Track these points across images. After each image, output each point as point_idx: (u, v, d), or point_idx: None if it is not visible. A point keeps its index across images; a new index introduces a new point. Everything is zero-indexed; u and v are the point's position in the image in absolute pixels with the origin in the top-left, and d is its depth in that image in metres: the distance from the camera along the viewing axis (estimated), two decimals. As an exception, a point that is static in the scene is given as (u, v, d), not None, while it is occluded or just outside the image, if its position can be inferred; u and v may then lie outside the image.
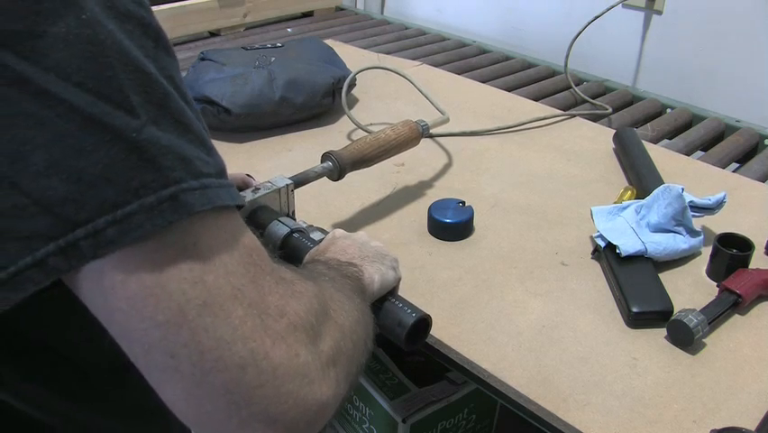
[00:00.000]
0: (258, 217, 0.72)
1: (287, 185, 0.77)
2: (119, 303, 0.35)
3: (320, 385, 0.40)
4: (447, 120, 1.03)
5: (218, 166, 0.38)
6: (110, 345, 0.36)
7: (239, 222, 0.40)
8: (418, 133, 0.93)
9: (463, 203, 0.89)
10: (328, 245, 0.67)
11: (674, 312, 0.71)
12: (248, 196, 0.74)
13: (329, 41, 1.50)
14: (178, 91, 0.37)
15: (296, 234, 0.71)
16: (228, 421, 0.37)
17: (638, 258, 0.79)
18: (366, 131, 1.10)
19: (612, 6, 1.38)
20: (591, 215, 0.85)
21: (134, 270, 0.34)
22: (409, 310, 0.65)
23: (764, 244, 0.85)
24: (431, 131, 0.97)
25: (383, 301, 0.66)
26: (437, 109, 1.08)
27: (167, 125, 0.35)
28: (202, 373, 0.36)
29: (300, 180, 0.80)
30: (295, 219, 0.78)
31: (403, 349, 0.66)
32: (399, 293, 0.68)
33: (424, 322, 0.66)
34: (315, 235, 0.72)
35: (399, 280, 0.69)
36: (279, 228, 0.71)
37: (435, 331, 0.70)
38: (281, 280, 0.41)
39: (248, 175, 0.83)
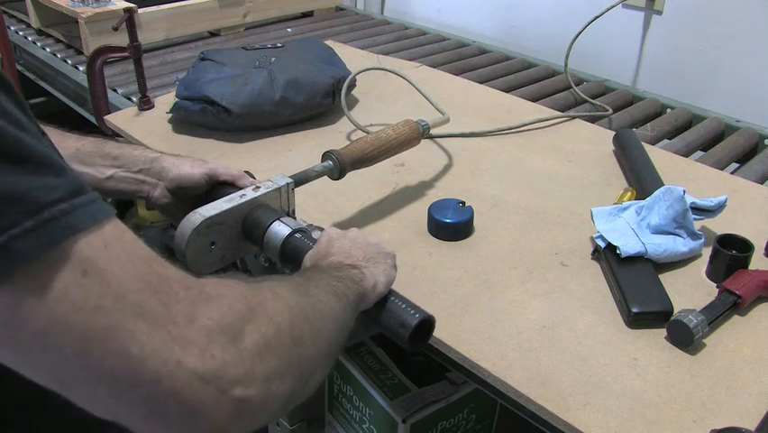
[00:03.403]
0: (258, 216, 0.72)
1: (287, 184, 0.77)
2: (21, 343, 0.35)
3: (243, 382, 0.40)
4: (447, 120, 1.03)
5: (72, 185, 0.37)
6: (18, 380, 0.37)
7: (127, 236, 0.39)
8: (419, 133, 0.93)
9: (463, 203, 0.89)
10: (328, 248, 0.67)
11: (674, 313, 0.71)
12: (248, 194, 0.74)
13: (329, 42, 1.50)
14: (7, 118, 0.35)
15: (297, 235, 0.71)
16: (156, 428, 0.39)
17: (638, 259, 0.79)
18: (365, 132, 1.10)
19: (612, 6, 1.38)
20: (591, 216, 0.85)
21: (21, 311, 0.34)
22: (413, 311, 0.64)
23: (764, 246, 0.85)
24: (431, 131, 0.97)
25: (384, 301, 0.65)
26: (437, 110, 1.08)
27: None
28: (119, 393, 0.37)
29: (301, 179, 0.80)
30: (295, 218, 0.78)
31: (405, 349, 0.65)
32: (400, 292, 0.68)
33: (427, 322, 0.65)
34: (317, 235, 0.72)
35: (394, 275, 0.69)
36: (281, 228, 0.71)
37: (435, 331, 0.70)
38: (190, 286, 0.41)
39: (247, 172, 0.83)
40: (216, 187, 0.81)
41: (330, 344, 0.52)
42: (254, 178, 0.84)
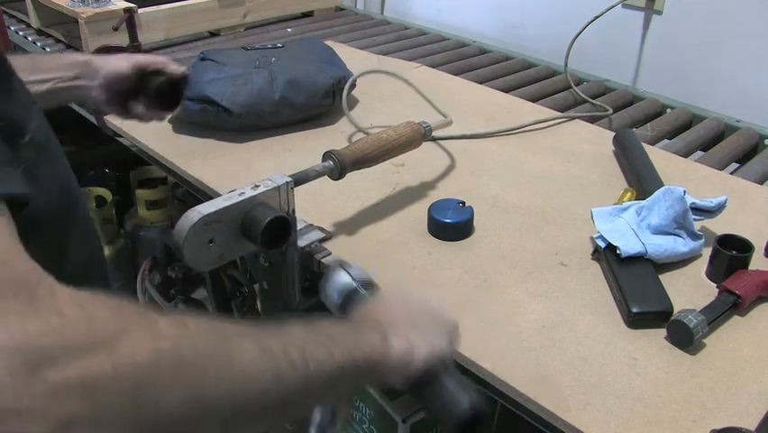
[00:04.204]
0: (256, 214, 0.72)
1: (286, 183, 0.77)
2: None
3: (23, 416, 0.32)
4: (450, 123, 1.03)
5: None
6: None
7: None
8: (420, 135, 0.93)
9: (463, 203, 0.89)
10: (374, 306, 0.60)
11: (674, 313, 0.71)
12: (247, 193, 0.74)
13: (329, 42, 1.50)
14: None
15: (362, 290, 0.65)
16: None
17: (638, 259, 0.79)
18: (366, 133, 1.10)
19: (612, 6, 1.38)
20: (592, 216, 0.85)
21: None
22: (466, 396, 0.54)
23: (764, 246, 0.85)
24: (432, 133, 0.97)
25: (432, 379, 0.56)
26: (439, 112, 1.08)
27: None
28: None
29: (300, 179, 0.80)
30: (295, 218, 0.78)
31: None
32: None
33: (481, 415, 0.55)
34: (315, 234, 0.70)
35: (454, 351, 0.60)
36: (344, 278, 0.66)
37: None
38: (17, 294, 0.35)
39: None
40: (148, 76, 0.86)
41: (231, 413, 0.41)
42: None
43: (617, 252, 0.79)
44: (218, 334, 0.43)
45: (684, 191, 0.82)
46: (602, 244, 0.81)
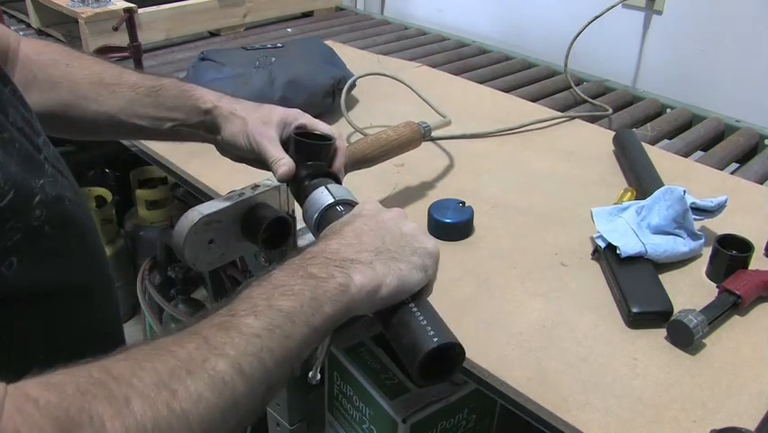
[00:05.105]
0: (257, 215, 0.72)
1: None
2: None
3: None
4: (449, 123, 1.03)
5: None
6: None
7: None
8: (420, 135, 0.93)
9: (463, 203, 0.89)
10: (342, 227, 0.56)
11: (674, 313, 0.71)
12: (247, 193, 0.73)
13: (329, 42, 1.50)
14: None
15: (339, 207, 0.63)
16: None
17: (638, 259, 0.79)
18: (363, 134, 1.10)
19: (612, 6, 1.38)
20: (591, 216, 0.85)
21: None
22: (432, 332, 0.49)
23: (764, 246, 0.85)
24: (431, 133, 0.97)
25: (398, 311, 0.52)
26: (438, 113, 1.08)
27: None
28: None
29: (300, 180, 0.80)
30: (295, 218, 0.78)
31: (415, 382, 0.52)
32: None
33: (450, 351, 0.49)
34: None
35: (430, 282, 0.56)
36: (323, 197, 0.64)
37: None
38: None
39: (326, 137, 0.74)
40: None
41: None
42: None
43: (617, 252, 0.79)
44: (166, 392, 0.39)
45: (684, 191, 0.82)
46: (602, 244, 0.81)
